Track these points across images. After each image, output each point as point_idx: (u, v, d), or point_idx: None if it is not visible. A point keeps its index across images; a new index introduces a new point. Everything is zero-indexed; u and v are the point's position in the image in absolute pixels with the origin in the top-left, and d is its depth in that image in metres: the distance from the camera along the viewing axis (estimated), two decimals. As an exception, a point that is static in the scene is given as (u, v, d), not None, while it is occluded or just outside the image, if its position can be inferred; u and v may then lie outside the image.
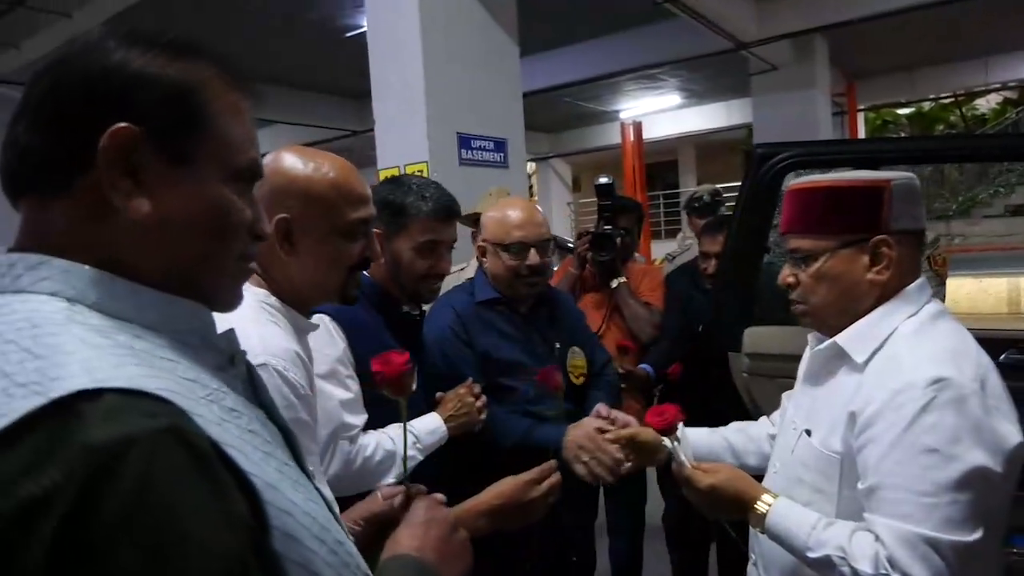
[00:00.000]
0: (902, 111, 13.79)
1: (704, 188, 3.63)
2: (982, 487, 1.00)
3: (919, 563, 0.99)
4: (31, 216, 0.59)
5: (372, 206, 1.17)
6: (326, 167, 1.11)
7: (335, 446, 1.35)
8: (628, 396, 2.58)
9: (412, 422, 1.49)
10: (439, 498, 0.94)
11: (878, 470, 1.05)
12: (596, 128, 13.73)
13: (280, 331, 1.04)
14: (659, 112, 12.18)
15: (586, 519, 2.48)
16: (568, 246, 3.48)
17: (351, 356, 1.42)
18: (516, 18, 4.17)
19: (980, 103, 13.65)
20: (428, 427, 1.52)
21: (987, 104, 13.59)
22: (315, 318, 1.22)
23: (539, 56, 8.20)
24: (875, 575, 1.01)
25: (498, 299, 1.88)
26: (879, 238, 1.15)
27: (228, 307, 0.67)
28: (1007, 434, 1.03)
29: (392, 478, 1.42)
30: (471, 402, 1.61)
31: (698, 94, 11.61)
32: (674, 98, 11.87)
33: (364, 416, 1.41)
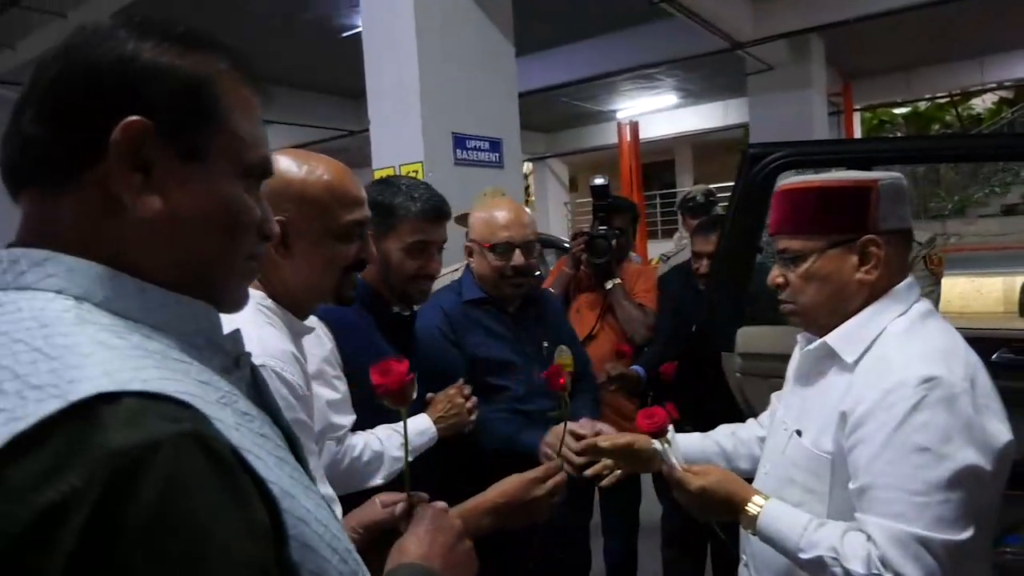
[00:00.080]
0: (898, 111, 13.79)
1: (698, 188, 3.64)
2: (973, 485, 1.00)
3: (911, 562, 0.99)
4: (33, 210, 0.57)
5: (367, 208, 1.17)
6: (320, 170, 1.11)
7: (322, 446, 1.34)
8: (620, 398, 2.58)
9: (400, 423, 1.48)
10: (443, 506, 0.93)
11: (869, 470, 1.05)
12: (592, 128, 13.71)
13: (277, 333, 1.04)
14: (655, 112, 12.16)
15: (581, 519, 2.49)
16: (564, 246, 3.48)
17: (339, 356, 1.41)
18: (512, 17, 4.16)
19: (976, 103, 13.65)
20: (417, 428, 1.51)
21: (983, 104, 13.59)
22: (304, 319, 1.21)
23: (535, 56, 8.21)
24: (867, 575, 1.01)
25: (485, 298, 1.88)
26: (867, 238, 1.15)
27: (235, 307, 0.65)
28: (997, 432, 1.04)
29: (380, 479, 1.41)
30: (461, 403, 1.60)
31: (694, 94, 11.61)
32: (670, 98, 11.86)
33: (352, 416, 1.40)
